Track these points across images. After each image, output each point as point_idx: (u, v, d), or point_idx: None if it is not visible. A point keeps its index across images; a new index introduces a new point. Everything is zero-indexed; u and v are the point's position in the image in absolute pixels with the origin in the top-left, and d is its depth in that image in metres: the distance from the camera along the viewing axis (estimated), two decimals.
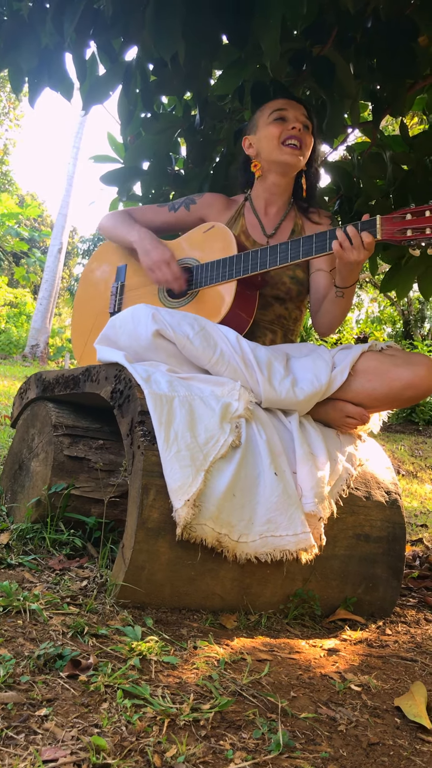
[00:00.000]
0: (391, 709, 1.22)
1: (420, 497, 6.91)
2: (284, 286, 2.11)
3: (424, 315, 13.88)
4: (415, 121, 4.46)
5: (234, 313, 1.96)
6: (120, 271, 2.28)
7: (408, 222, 1.69)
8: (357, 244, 1.74)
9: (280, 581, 1.63)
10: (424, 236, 1.66)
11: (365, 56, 2.37)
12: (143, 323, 1.75)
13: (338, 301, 1.95)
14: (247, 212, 2.20)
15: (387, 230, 1.71)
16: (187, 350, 1.74)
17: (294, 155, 2.06)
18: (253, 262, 1.94)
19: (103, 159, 2.90)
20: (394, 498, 1.91)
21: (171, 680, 1.12)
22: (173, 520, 1.45)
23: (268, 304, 2.12)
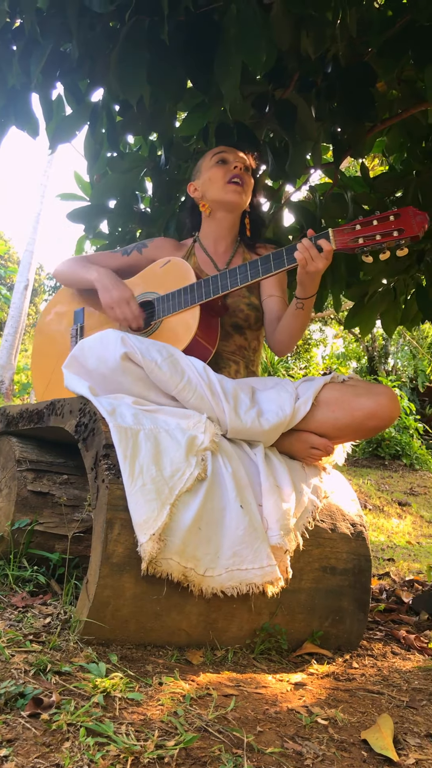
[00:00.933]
0: (358, 743, 1.21)
1: (387, 531, 6.94)
2: (242, 313, 2.17)
3: (387, 351, 14.11)
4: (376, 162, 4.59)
5: (197, 341, 1.99)
6: (78, 315, 2.31)
7: (358, 232, 1.80)
8: (315, 254, 1.83)
9: (246, 616, 1.62)
10: (375, 242, 1.78)
11: (326, 100, 2.45)
12: (112, 346, 1.76)
13: (298, 313, 2.00)
14: (197, 251, 2.28)
15: (340, 240, 1.83)
16: (154, 375, 1.76)
17: (237, 192, 2.18)
18: (215, 285, 1.99)
19: (69, 197, 2.93)
20: (360, 530, 1.92)
21: (135, 717, 1.11)
22: (138, 555, 1.44)
23: (229, 335, 2.16)
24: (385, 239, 1.77)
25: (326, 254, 1.83)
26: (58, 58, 2.18)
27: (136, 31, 1.95)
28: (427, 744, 1.26)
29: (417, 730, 1.31)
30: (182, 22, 2.06)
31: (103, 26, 2.13)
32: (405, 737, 1.27)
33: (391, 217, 1.78)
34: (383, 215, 1.79)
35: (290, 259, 1.90)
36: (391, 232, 1.77)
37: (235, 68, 1.95)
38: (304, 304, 1.98)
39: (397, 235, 1.76)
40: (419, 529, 7.54)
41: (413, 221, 1.75)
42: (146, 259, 2.27)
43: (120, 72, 1.99)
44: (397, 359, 14.39)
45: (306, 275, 1.88)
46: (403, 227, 1.76)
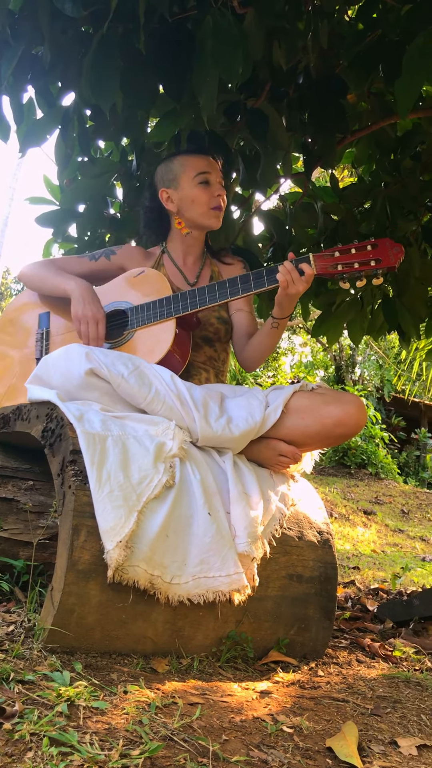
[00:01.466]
0: (323, 750, 1.21)
1: (352, 540, 6.99)
2: (212, 326, 2.17)
3: (354, 360, 14.25)
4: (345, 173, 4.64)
5: (171, 354, 1.98)
6: (42, 318, 2.27)
7: (337, 259, 1.87)
8: (296, 277, 1.87)
9: (212, 623, 1.61)
10: (353, 270, 1.85)
11: (297, 110, 2.48)
12: (76, 362, 1.74)
13: (272, 332, 2.05)
14: (166, 262, 2.27)
15: (320, 265, 1.88)
16: (122, 389, 1.74)
17: (218, 219, 2.19)
18: (192, 300, 1.99)
19: (38, 201, 2.90)
20: (326, 538, 1.93)
21: (100, 726, 1.09)
22: (104, 562, 1.43)
23: (199, 346, 2.17)
24: (362, 268, 1.84)
25: (307, 278, 1.88)
26: (29, 61, 2.17)
27: (109, 38, 1.95)
28: (391, 751, 1.27)
29: (381, 737, 1.32)
30: (156, 29, 2.06)
31: (76, 30, 2.12)
32: (369, 744, 1.27)
33: (368, 247, 1.84)
34: (360, 244, 1.86)
35: (270, 280, 1.93)
36: (369, 261, 1.84)
37: (212, 80, 1.95)
38: (279, 324, 2.02)
39: (374, 265, 1.83)
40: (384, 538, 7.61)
41: (390, 252, 1.82)
42: (114, 265, 2.25)
43: (92, 78, 1.98)
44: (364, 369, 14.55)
45: (286, 297, 1.92)
46: (381, 258, 1.82)
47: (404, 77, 1.88)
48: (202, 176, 2.16)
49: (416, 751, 1.28)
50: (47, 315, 2.26)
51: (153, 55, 2.08)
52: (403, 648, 2.09)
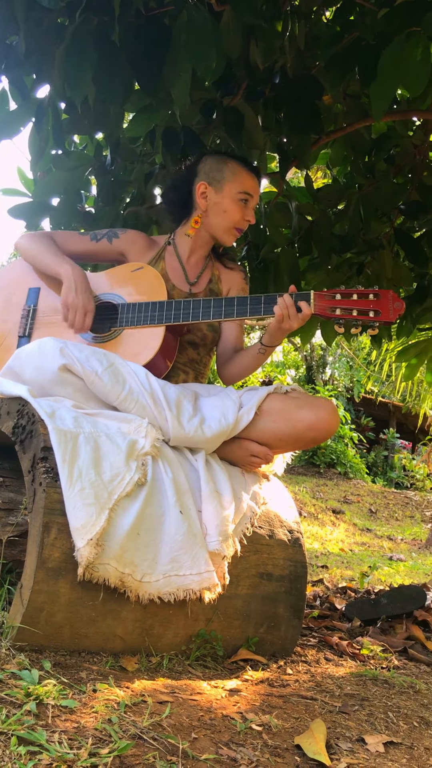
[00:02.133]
0: (292, 748, 1.22)
1: (321, 539, 7.04)
2: (200, 332, 2.15)
3: (325, 361, 14.35)
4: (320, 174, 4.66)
5: (158, 357, 1.96)
6: (31, 294, 2.18)
7: (337, 302, 1.84)
8: (293, 313, 1.84)
9: (182, 622, 1.61)
10: (351, 317, 1.83)
11: (273, 110, 2.48)
12: (50, 357, 1.72)
13: (258, 357, 2.05)
14: (168, 256, 2.21)
15: (319, 306, 1.86)
16: (95, 386, 1.73)
17: (234, 238, 2.16)
18: (185, 312, 1.96)
19: (11, 192, 2.87)
20: (297, 536, 1.94)
21: (69, 725, 1.08)
22: (75, 560, 1.42)
23: (183, 347, 2.14)
24: (360, 317, 1.82)
25: (303, 316, 1.85)
26: (3, 50, 2.14)
27: (84, 30, 1.93)
28: (358, 748, 1.28)
29: (349, 735, 1.33)
30: (132, 23, 2.05)
31: (52, 22, 2.10)
32: (337, 742, 1.28)
33: (371, 296, 1.82)
34: (363, 291, 1.83)
35: (267, 309, 1.90)
36: (368, 311, 1.81)
37: (185, 74, 1.95)
38: (266, 351, 2.02)
39: (372, 317, 1.81)
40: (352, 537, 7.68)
41: (391, 307, 1.80)
42: (115, 250, 2.20)
43: (65, 70, 1.96)
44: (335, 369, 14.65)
45: (278, 330, 1.90)
46: (380, 310, 1.80)
47: (379, 80, 1.89)
48: (245, 195, 2.10)
49: (383, 749, 1.29)
50: (37, 291, 2.17)
51: (129, 49, 2.06)
52: (370, 646, 2.11)
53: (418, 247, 2.81)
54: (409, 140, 2.76)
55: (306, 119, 2.40)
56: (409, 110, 2.67)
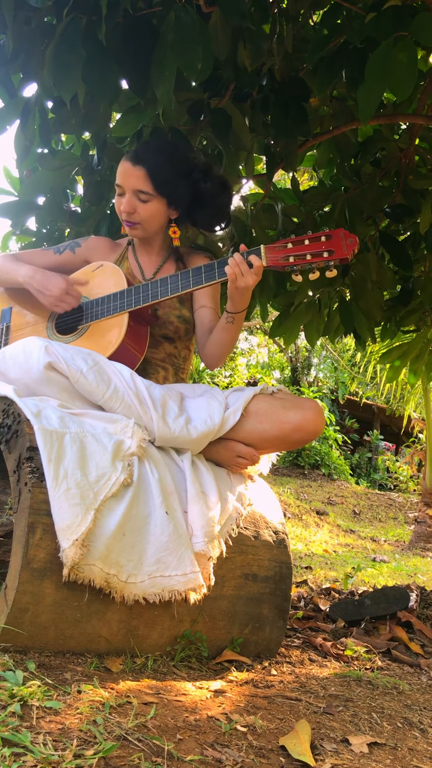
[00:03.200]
0: (276, 749, 1.22)
1: (305, 540, 7.06)
2: (172, 325, 2.15)
3: (310, 362, 14.39)
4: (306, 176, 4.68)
5: (125, 347, 1.97)
6: (5, 314, 2.24)
7: (289, 250, 1.82)
8: (245, 269, 1.82)
9: (167, 623, 1.61)
10: (305, 262, 1.80)
11: (260, 112, 2.48)
12: (35, 356, 1.72)
13: (228, 327, 1.99)
14: (129, 256, 2.25)
15: (271, 257, 1.83)
16: (80, 385, 1.72)
17: (133, 233, 2.13)
18: (144, 294, 1.97)
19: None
20: (282, 538, 1.94)
21: (53, 726, 1.08)
22: (60, 561, 1.41)
23: (158, 343, 2.15)
24: (315, 259, 1.80)
25: (256, 270, 1.83)
26: None
27: (72, 29, 1.92)
28: (342, 749, 1.28)
29: (333, 736, 1.33)
30: (120, 23, 2.05)
31: (39, 21, 2.09)
32: (322, 743, 1.28)
33: (322, 238, 1.80)
34: (315, 235, 1.81)
35: (221, 273, 1.89)
36: (322, 252, 1.79)
37: (170, 73, 1.95)
38: (235, 318, 1.97)
39: (327, 256, 1.79)
40: (336, 538, 7.71)
41: (343, 243, 1.78)
42: (79, 258, 2.23)
43: (55, 68, 1.96)
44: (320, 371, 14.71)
45: (236, 290, 1.87)
46: (334, 249, 1.78)
47: (366, 84, 1.90)
48: (117, 187, 2.09)
49: (367, 749, 1.30)
50: (9, 310, 2.23)
51: (117, 49, 2.06)
52: (354, 647, 2.12)
53: (402, 250, 2.83)
54: (395, 144, 2.77)
55: (293, 121, 2.41)
56: (396, 114, 2.68)
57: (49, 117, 2.39)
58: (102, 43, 1.95)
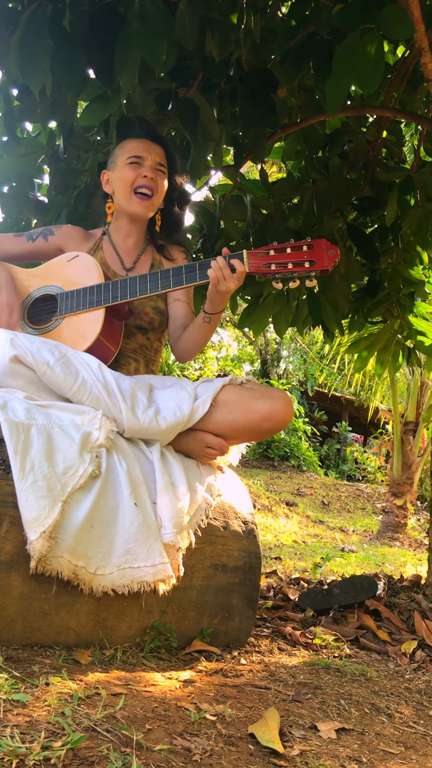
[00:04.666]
0: (246, 737, 1.23)
1: (274, 531, 7.10)
2: (147, 316, 2.13)
3: (280, 355, 14.45)
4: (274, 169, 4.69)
5: (100, 342, 1.95)
6: None
7: (271, 257, 1.83)
8: (228, 274, 1.83)
9: (136, 614, 1.60)
10: (287, 270, 1.81)
11: (228, 102, 2.47)
12: (0, 348, 1.69)
13: (204, 326, 2.01)
14: (105, 245, 2.22)
15: (253, 263, 1.84)
16: (47, 377, 1.71)
17: (143, 206, 2.13)
18: (123, 290, 1.95)
19: None
20: (251, 528, 1.95)
21: (21, 719, 1.07)
22: (27, 553, 1.40)
23: (131, 334, 2.13)
24: (296, 269, 1.81)
25: (239, 275, 1.83)
26: None
27: (38, 17, 1.89)
28: (311, 735, 1.29)
29: (302, 723, 1.35)
30: (86, 11, 2.02)
31: (3, 6, 2.06)
32: (290, 730, 1.29)
33: (304, 247, 1.81)
34: (297, 244, 1.82)
35: (203, 275, 1.89)
36: (303, 262, 1.80)
37: (134, 63, 1.93)
38: (211, 319, 1.99)
39: (308, 267, 1.80)
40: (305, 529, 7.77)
41: (325, 255, 1.80)
42: (52, 246, 2.20)
43: (21, 58, 1.93)
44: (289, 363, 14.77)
45: (216, 293, 1.88)
46: (315, 259, 1.80)
47: (334, 76, 1.90)
48: (134, 158, 2.12)
49: (335, 735, 1.31)
50: None
51: (83, 38, 2.03)
52: (323, 636, 2.14)
53: (369, 242, 2.85)
54: (363, 136, 2.79)
55: (261, 112, 2.41)
56: (363, 106, 2.70)
57: (14, 105, 2.36)
58: (68, 33, 1.92)
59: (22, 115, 2.43)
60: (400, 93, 2.66)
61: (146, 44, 1.89)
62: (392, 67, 2.68)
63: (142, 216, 2.17)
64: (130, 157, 2.12)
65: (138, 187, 2.11)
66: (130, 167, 2.11)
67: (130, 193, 2.12)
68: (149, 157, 2.13)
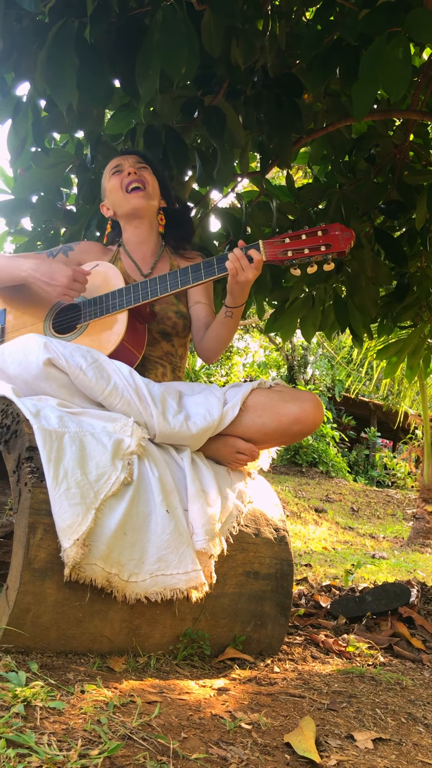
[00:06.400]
0: (281, 746, 1.22)
1: (304, 537, 7.06)
2: (170, 320, 2.15)
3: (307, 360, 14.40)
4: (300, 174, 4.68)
5: (124, 345, 1.97)
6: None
7: (287, 245, 1.85)
8: (246, 264, 1.85)
9: (169, 621, 1.60)
10: (303, 256, 1.83)
11: (254, 109, 2.48)
12: (34, 352, 1.71)
13: (226, 321, 2.02)
14: (122, 256, 2.26)
15: (270, 252, 1.86)
16: (80, 381, 1.72)
17: (139, 197, 2.19)
18: (143, 291, 1.97)
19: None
20: (282, 535, 1.94)
21: (57, 726, 1.07)
22: (61, 560, 1.41)
23: (156, 341, 2.15)
24: (312, 253, 1.82)
25: (256, 264, 1.85)
26: None
27: (65, 33, 1.92)
28: (347, 745, 1.28)
29: (338, 732, 1.33)
30: (113, 24, 2.04)
31: (31, 20, 2.09)
32: (326, 739, 1.28)
33: (319, 233, 1.83)
34: (312, 230, 1.84)
35: (221, 268, 1.91)
36: (319, 246, 1.81)
37: (154, 72, 1.94)
38: (233, 313, 2.00)
39: (324, 250, 1.81)
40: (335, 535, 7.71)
41: (341, 237, 1.81)
42: (72, 262, 2.22)
43: (48, 73, 1.95)
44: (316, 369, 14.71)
45: (236, 284, 1.90)
46: (331, 243, 1.81)
47: (361, 81, 1.89)
48: (114, 168, 2.24)
49: (372, 745, 1.30)
50: (3, 312, 2.21)
51: (110, 50, 2.05)
52: (356, 643, 2.12)
53: (397, 246, 2.83)
54: (390, 140, 2.77)
55: (287, 118, 2.41)
56: (390, 110, 2.68)
57: (42, 116, 2.39)
58: (94, 47, 1.94)
59: (50, 126, 2.46)
60: (427, 95, 2.64)
61: (167, 55, 1.91)
62: (418, 70, 2.66)
63: (143, 207, 2.21)
64: (111, 170, 2.25)
65: (127, 185, 2.19)
66: (115, 176, 2.23)
67: (124, 194, 2.20)
68: (125, 162, 2.24)
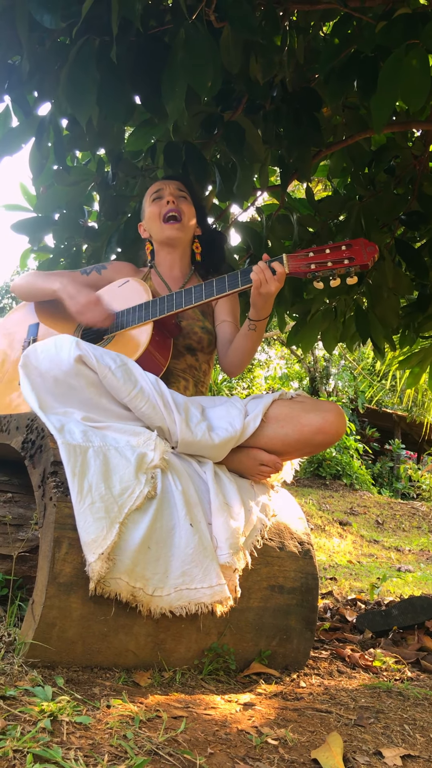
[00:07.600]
0: (309, 762, 1.21)
1: (328, 551, 7.01)
2: (196, 335, 2.17)
3: (329, 372, 14.34)
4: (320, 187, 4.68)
5: (149, 354, 1.99)
6: (31, 329, 2.29)
7: (311, 258, 1.87)
8: (269, 276, 1.87)
9: (194, 636, 1.60)
10: (326, 268, 1.84)
11: (273, 123, 2.49)
12: (66, 349, 1.75)
13: (250, 334, 2.05)
14: (153, 277, 2.30)
15: (293, 265, 1.89)
16: (108, 380, 1.74)
17: (174, 229, 2.24)
18: (169, 303, 2.01)
19: (14, 208, 2.88)
20: (307, 548, 1.93)
21: (84, 741, 1.07)
22: (86, 575, 1.41)
23: (180, 354, 2.16)
24: (336, 266, 1.83)
25: (279, 277, 1.87)
26: (6, 69, 2.16)
27: (86, 51, 1.95)
28: (375, 761, 1.26)
29: (365, 748, 1.32)
30: (134, 42, 2.07)
31: (53, 41, 2.12)
32: (354, 755, 1.27)
33: (343, 247, 1.84)
34: (336, 245, 1.85)
35: (244, 280, 1.93)
36: (342, 260, 1.83)
37: (180, 90, 1.97)
38: (257, 326, 2.02)
39: (347, 263, 1.82)
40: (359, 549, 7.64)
41: (364, 251, 1.82)
42: (105, 280, 2.28)
43: (69, 91, 1.98)
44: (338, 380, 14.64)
45: (259, 296, 1.91)
46: (354, 256, 1.82)
47: (379, 93, 1.90)
48: (154, 194, 2.28)
49: (401, 762, 1.28)
50: (36, 325, 2.27)
51: (131, 67, 2.08)
52: (383, 658, 2.10)
53: (418, 257, 2.82)
54: (409, 151, 2.77)
55: (306, 132, 2.42)
56: (409, 121, 2.68)
57: (63, 134, 2.42)
58: (115, 65, 1.97)
59: (71, 144, 2.49)
60: None
61: (192, 72, 1.93)
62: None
63: (177, 238, 2.25)
64: (152, 194, 2.29)
65: (165, 214, 2.23)
66: (154, 203, 2.27)
67: (161, 224, 2.24)
68: (167, 188, 2.28)
